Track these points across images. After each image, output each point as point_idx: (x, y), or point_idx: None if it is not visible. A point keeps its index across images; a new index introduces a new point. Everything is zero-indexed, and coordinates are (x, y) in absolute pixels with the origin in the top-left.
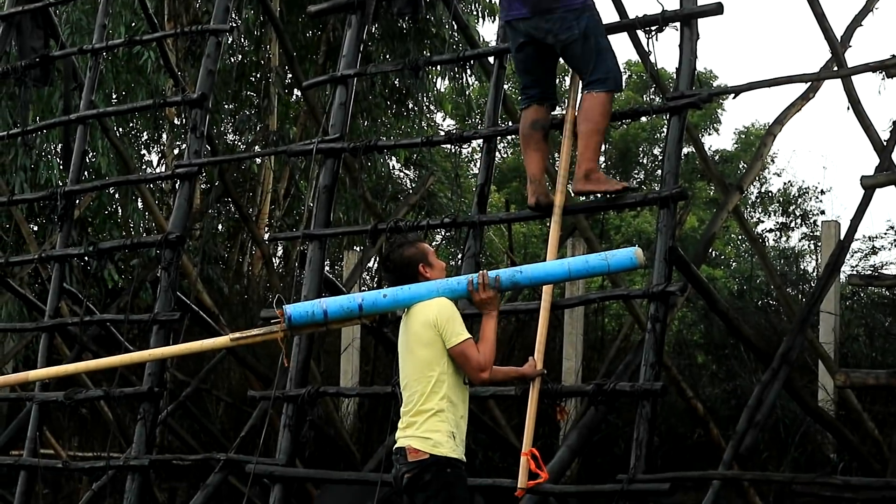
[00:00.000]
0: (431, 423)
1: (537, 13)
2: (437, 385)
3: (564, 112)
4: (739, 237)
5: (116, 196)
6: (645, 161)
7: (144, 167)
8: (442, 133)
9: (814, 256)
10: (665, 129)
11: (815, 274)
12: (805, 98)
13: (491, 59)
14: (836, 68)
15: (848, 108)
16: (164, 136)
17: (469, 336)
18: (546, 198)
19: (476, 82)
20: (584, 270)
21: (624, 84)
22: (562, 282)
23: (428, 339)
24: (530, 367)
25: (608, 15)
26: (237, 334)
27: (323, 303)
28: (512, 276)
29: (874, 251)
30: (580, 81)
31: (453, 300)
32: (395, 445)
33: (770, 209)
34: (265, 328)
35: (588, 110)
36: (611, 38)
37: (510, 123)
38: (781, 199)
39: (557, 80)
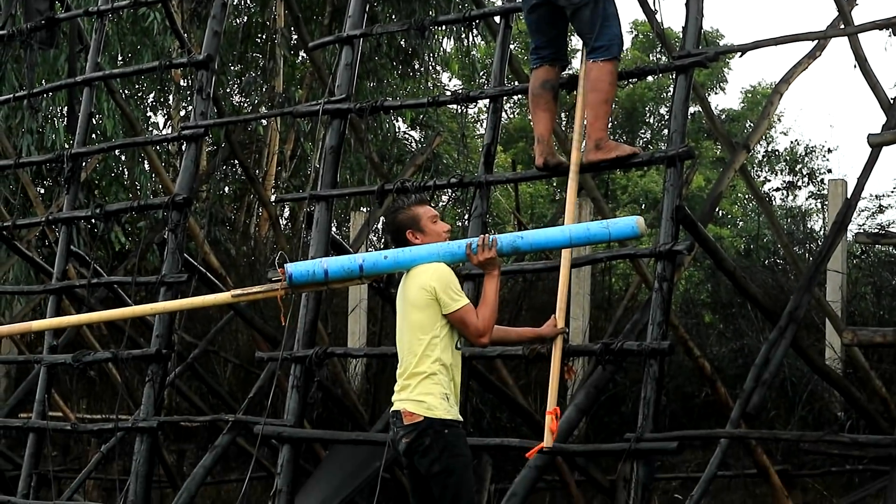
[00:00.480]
0: (424, 386)
1: None
2: (429, 348)
3: (576, 71)
4: (746, 196)
5: (123, 158)
6: (651, 121)
7: (151, 129)
8: (448, 93)
9: (821, 215)
10: (671, 89)
11: (822, 233)
12: (812, 56)
13: (497, 19)
14: (842, 26)
15: (854, 66)
16: (170, 97)
17: (467, 301)
18: (553, 158)
19: (482, 42)
20: (584, 237)
21: (627, 46)
22: (562, 248)
23: (422, 303)
24: (549, 327)
25: None
26: (238, 291)
27: (324, 262)
28: (513, 242)
29: (881, 209)
30: (584, 46)
31: (454, 264)
32: (392, 409)
33: (777, 168)
34: (266, 286)
35: (596, 80)
36: None
37: (516, 83)
38: (788, 158)
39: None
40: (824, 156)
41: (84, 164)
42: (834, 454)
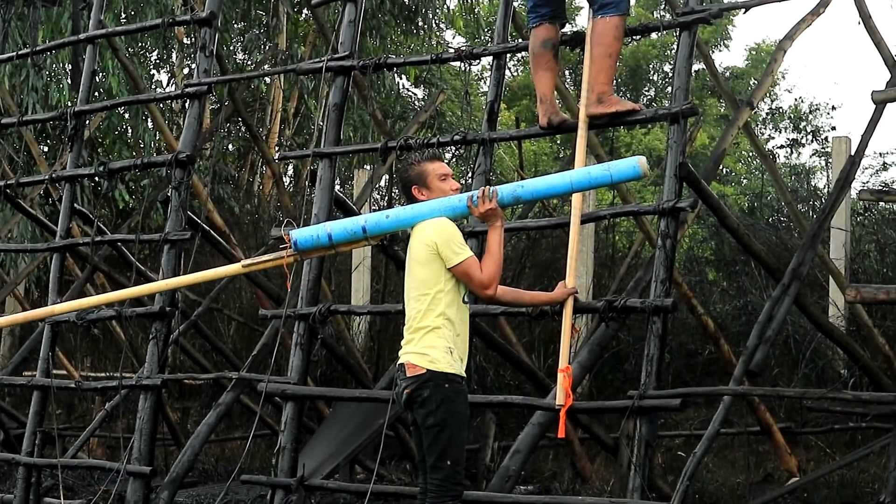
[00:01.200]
0: (429, 339)
1: None
2: (433, 303)
3: (581, 28)
4: (750, 154)
5: (126, 116)
6: (655, 78)
7: (154, 87)
8: (451, 50)
9: (825, 173)
10: (675, 46)
11: (826, 190)
12: (815, 13)
13: None
14: None
15: (859, 23)
16: (174, 55)
17: (471, 254)
18: (557, 116)
19: None
20: (586, 182)
21: (632, 2)
22: (565, 195)
23: (425, 258)
24: (560, 290)
25: None
26: (248, 260)
27: (327, 227)
28: (514, 191)
29: (885, 167)
30: (589, 4)
31: (456, 218)
32: (398, 362)
33: (781, 126)
34: (275, 254)
35: (601, 34)
36: None
37: (520, 41)
38: (792, 116)
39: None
40: (828, 113)
41: (87, 121)
42: (837, 412)
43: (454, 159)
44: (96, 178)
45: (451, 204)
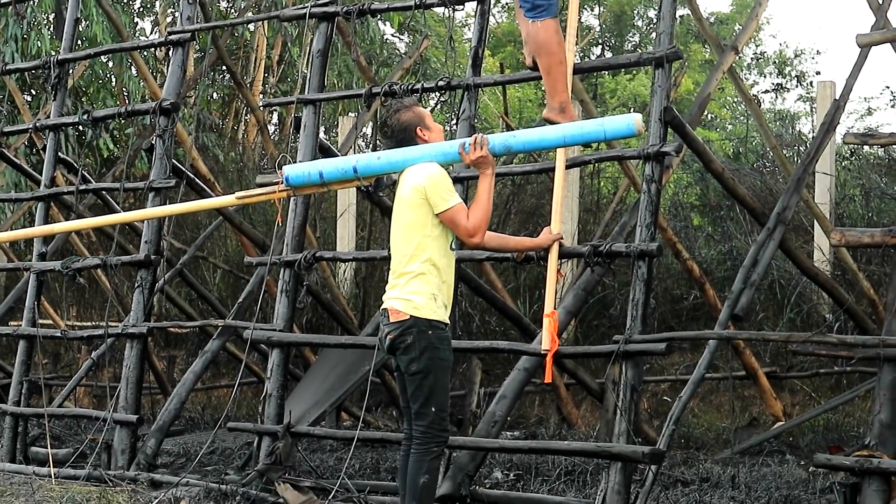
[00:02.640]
0: (413, 285)
1: None
2: (419, 248)
3: None
4: (735, 100)
5: (110, 64)
6: (640, 24)
7: (138, 35)
8: None
9: (810, 118)
10: None
11: (810, 135)
12: None
13: None
14: None
15: None
16: (157, 3)
17: (459, 201)
18: None
19: None
20: (579, 137)
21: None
22: (557, 148)
23: (414, 203)
24: (545, 236)
25: None
26: (242, 193)
27: (319, 164)
28: (505, 142)
29: (870, 112)
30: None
31: (446, 164)
32: (382, 307)
33: (766, 71)
34: (268, 188)
35: (542, 44)
36: None
37: None
38: (777, 61)
39: None
40: (813, 58)
41: (71, 70)
42: (822, 355)
43: (438, 105)
44: (80, 127)
45: (442, 149)
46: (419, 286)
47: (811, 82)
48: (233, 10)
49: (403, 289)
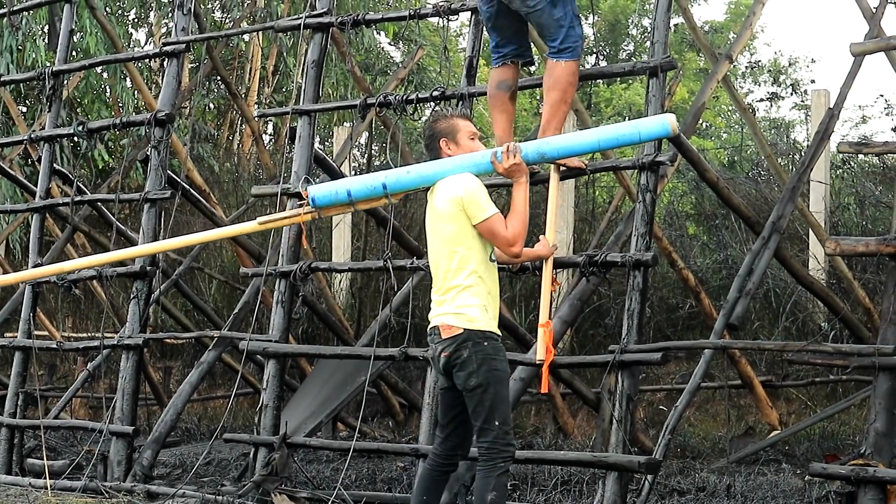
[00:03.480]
0: (463, 298)
1: None
2: (463, 261)
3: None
4: (730, 108)
5: (105, 76)
6: (634, 32)
7: (133, 46)
8: (430, 6)
9: (804, 126)
10: (654, 0)
11: (805, 143)
12: None
13: None
14: None
15: None
16: (152, 14)
17: (496, 211)
18: None
19: None
20: (614, 141)
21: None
22: (591, 153)
23: (451, 216)
24: (544, 246)
25: None
26: (264, 217)
27: (347, 183)
28: (539, 149)
29: (864, 120)
30: (546, 43)
31: (479, 175)
32: (431, 325)
33: (760, 79)
34: (292, 211)
35: (558, 79)
36: None
37: None
38: (772, 70)
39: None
40: (808, 66)
41: (66, 81)
42: (817, 364)
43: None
44: (75, 138)
45: (474, 160)
46: (469, 298)
47: (806, 91)
48: (228, 21)
49: (453, 303)
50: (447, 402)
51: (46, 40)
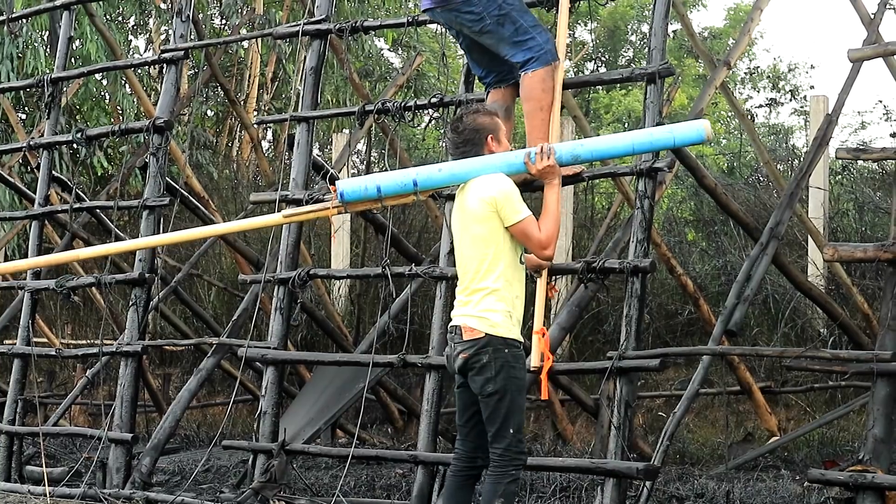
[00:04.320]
0: (488, 302)
1: (441, 4)
2: (493, 263)
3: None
4: (729, 114)
5: (104, 83)
6: (634, 39)
7: (132, 53)
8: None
9: (803, 132)
10: (652, 6)
11: (804, 150)
12: None
13: None
14: None
15: None
16: (151, 21)
17: (529, 213)
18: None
19: None
20: (648, 145)
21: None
22: (625, 156)
23: (484, 216)
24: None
25: None
26: (289, 210)
27: (377, 178)
28: (573, 150)
29: (863, 126)
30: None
31: (511, 176)
32: (452, 324)
33: (759, 86)
34: (319, 205)
35: (529, 90)
36: None
37: None
38: (771, 76)
39: None
40: (807, 72)
41: (65, 88)
42: (816, 370)
43: (432, 121)
44: (74, 145)
45: (507, 160)
46: (494, 303)
47: (805, 97)
48: (226, 28)
49: (478, 306)
50: (463, 401)
51: (47, 47)
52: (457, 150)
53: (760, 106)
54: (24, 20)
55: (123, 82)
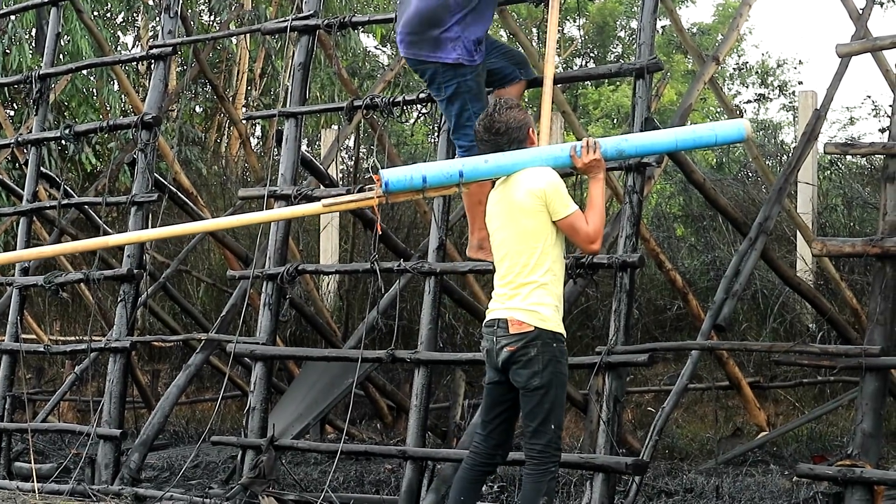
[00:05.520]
0: (538, 296)
1: (414, 60)
2: (542, 257)
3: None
4: (718, 110)
5: (92, 79)
6: (623, 35)
7: (120, 49)
8: None
9: (792, 127)
10: (641, 1)
11: (792, 145)
12: None
13: None
14: None
15: None
16: (139, 17)
17: (576, 207)
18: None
19: None
20: (691, 142)
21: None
22: (668, 153)
23: (533, 210)
24: None
25: None
26: (330, 200)
27: (422, 168)
28: (618, 145)
29: (852, 122)
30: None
31: (556, 169)
32: (492, 316)
33: (748, 81)
34: (360, 194)
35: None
36: None
37: None
38: (759, 71)
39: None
40: (795, 68)
41: (53, 84)
42: (805, 365)
43: (420, 117)
44: (63, 142)
45: (552, 153)
46: (544, 297)
47: (793, 92)
48: (215, 24)
49: (527, 299)
50: (494, 398)
51: (34, 44)
52: (500, 149)
53: (749, 101)
54: (12, 17)
55: (111, 78)
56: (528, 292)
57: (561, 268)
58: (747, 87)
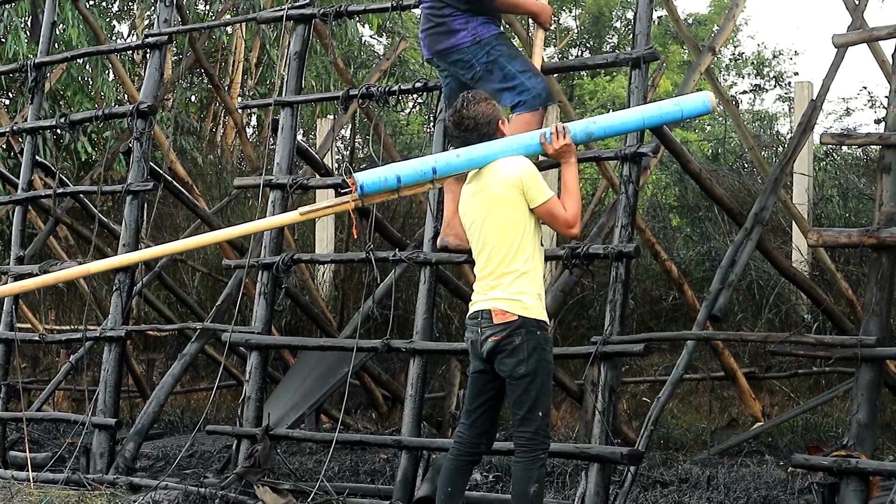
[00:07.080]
0: (519, 285)
1: (436, 55)
2: (522, 246)
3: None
4: None
5: (87, 68)
6: (618, 25)
7: (115, 38)
8: None
9: (788, 118)
10: None
11: (788, 136)
12: None
13: None
14: None
15: None
16: (135, 6)
17: (553, 193)
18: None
19: None
20: (658, 118)
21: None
22: (637, 131)
23: (510, 199)
24: None
25: None
26: (306, 208)
27: (395, 168)
28: (586, 128)
29: (848, 112)
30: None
31: (528, 157)
32: (475, 308)
33: (744, 72)
34: (336, 199)
35: (511, 132)
36: None
37: None
38: (755, 62)
39: None
40: (791, 59)
41: (48, 73)
42: (800, 355)
43: (416, 107)
44: (58, 130)
45: (523, 142)
46: (525, 286)
47: (789, 83)
48: (210, 13)
49: (508, 289)
50: (478, 386)
51: (29, 32)
52: (468, 143)
53: (745, 92)
54: (7, 5)
55: (106, 67)
56: (509, 282)
57: (540, 256)
58: (743, 77)
